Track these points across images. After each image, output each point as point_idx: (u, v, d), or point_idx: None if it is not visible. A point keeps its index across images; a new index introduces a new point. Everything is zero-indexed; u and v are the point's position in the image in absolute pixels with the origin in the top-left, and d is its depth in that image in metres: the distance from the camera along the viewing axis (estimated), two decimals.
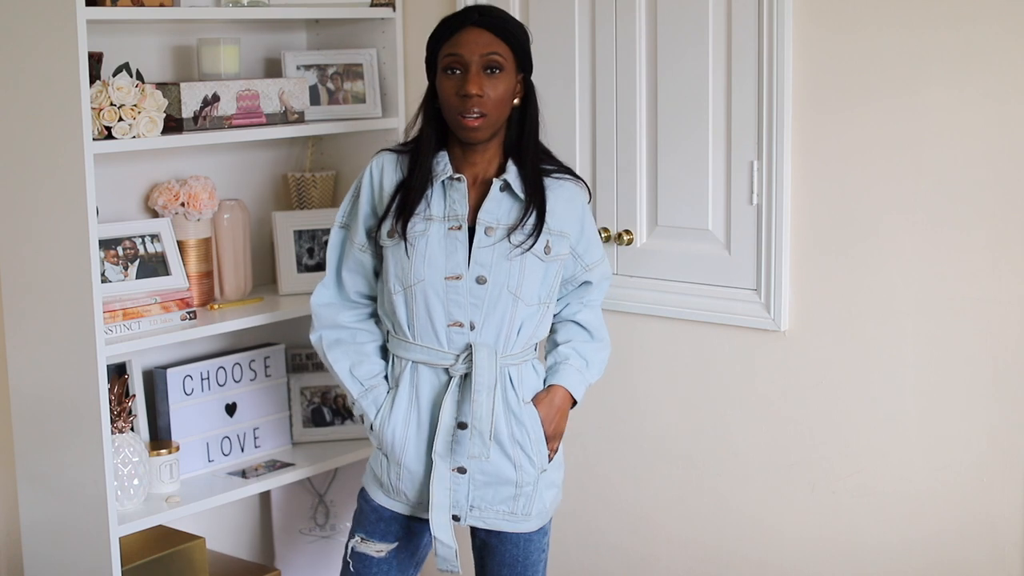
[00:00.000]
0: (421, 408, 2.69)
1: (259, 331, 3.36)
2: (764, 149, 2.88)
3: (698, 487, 3.12)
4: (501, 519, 2.73)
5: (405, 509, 2.77)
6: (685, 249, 3.04)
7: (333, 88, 3.42)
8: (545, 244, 2.67)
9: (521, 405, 2.69)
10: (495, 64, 2.59)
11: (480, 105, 2.58)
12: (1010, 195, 2.61)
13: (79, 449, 2.89)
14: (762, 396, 2.98)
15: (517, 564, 2.79)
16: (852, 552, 2.90)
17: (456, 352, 2.66)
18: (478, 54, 2.58)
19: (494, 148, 2.69)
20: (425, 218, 2.65)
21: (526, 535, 2.77)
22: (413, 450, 2.70)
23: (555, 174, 2.72)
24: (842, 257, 2.83)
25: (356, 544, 2.81)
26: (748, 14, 2.86)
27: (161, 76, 3.23)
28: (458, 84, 2.59)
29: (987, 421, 2.70)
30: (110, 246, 3.02)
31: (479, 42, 2.59)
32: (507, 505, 2.72)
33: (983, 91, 2.61)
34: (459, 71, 2.60)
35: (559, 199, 2.70)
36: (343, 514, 3.60)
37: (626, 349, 3.17)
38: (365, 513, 2.82)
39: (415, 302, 2.65)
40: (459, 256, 2.63)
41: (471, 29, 2.60)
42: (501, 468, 2.69)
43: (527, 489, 2.72)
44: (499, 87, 2.60)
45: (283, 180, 3.51)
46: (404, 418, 2.70)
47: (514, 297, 2.65)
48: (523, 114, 2.69)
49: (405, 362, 2.71)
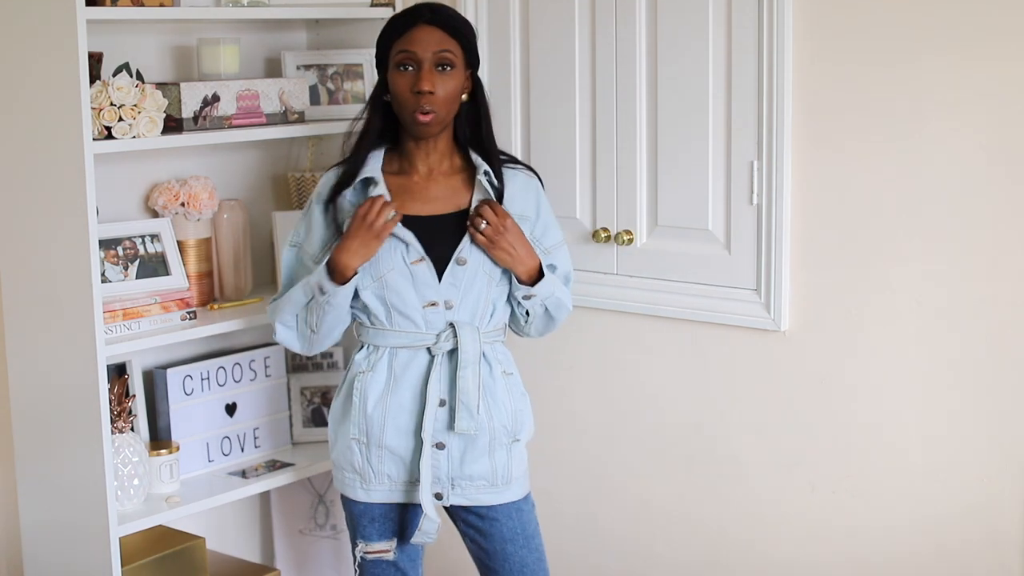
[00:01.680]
0: (400, 388, 2.76)
1: (259, 331, 3.36)
2: (764, 149, 2.88)
3: (698, 487, 3.11)
4: (482, 493, 2.80)
5: (390, 496, 2.81)
6: (685, 249, 3.04)
7: (333, 88, 3.42)
8: None
9: (493, 379, 2.78)
10: (446, 61, 2.70)
11: (432, 102, 2.68)
12: (1010, 195, 2.61)
13: (79, 449, 2.89)
14: (762, 396, 2.98)
15: (518, 537, 2.83)
16: (852, 552, 2.90)
17: (436, 332, 2.75)
18: (431, 51, 2.69)
19: (444, 141, 2.80)
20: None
21: (515, 505, 2.83)
22: (392, 429, 2.76)
23: (509, 165, 2.84)
24: (842, 257, 2.83)
25: (362, 552, 2.84)
26: (748, 14, 2.86)
27: (161, 76, 3.23)
28: (411, 81, 2.69)
29: (987, 421, 2.70)
30: (110, 246, 3.02)
31: (431, 40, 2.69)
32: (486, 478, 2.79)
33: (983, 91, 2.61)
34: (412, 68, 2.69)
35: (516, 187, 2.82)
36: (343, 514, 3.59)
37: (626, 349, 3.17)
38: (355, 517, 2.86)
39: (387, 290, 2.74)
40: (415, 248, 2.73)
41: (423, 27, 2.70)
42: (476, 440, 2.77)
43: (501, 457, 2.79)
44: (450, 84, 2.70)
45: (283, 180, 3.51)
46: (381, 398, 2.76)
47: (488, 278, 2.76)
48: (474, 109, 2.79)
49: (382, 349, 2.78)
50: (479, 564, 2.90)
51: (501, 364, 2.82)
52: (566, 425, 3.29)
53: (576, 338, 3.24)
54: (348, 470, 2.83)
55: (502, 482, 2.81)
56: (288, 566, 3.57)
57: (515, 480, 2.83)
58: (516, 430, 2.82)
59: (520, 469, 2.84)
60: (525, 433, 2.86)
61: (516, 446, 2.83)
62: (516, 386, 2.85)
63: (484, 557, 2.86)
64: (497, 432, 2.79)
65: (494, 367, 2.79)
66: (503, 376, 2.81)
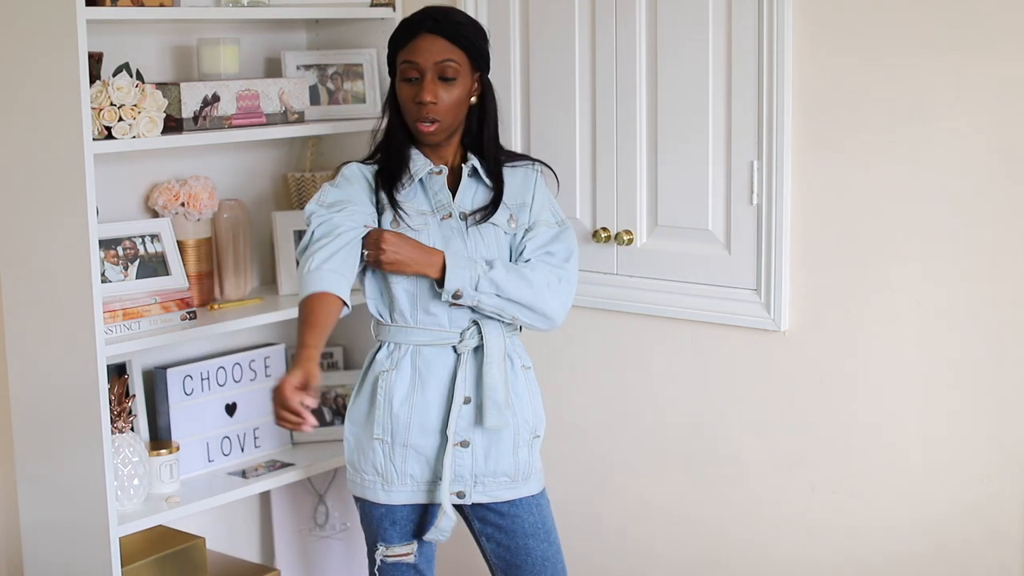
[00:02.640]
0: (428, 386, 2.75)
1: (259, 331, 3.36)
2: (764, 149, 2.88)
3: (699, 486, 3.12)
4: (503, 489, 2.80)
5: (412, 496, 2.80)
6: (685, 249, 3.04)
7: (333, 88, 3.42)
8: (508, 217, 2.79)
9: (515, 374, 2.79)
10: (449, 71, 2.69)
11: (434, 112, 2.70)
12: (1010, 195, 2.61)
13: (79, 449, 2.89)
14: (762, 396, 2.98)
15: (539, 532, 2.84)
16: (852, 552, 2.90)
17: (460, 329, 2.75)
18: (432, 62, 2.69)
19: (456, 142, 2.81)
20: (420, 213, 2.75)
21: (535, 499, 2.84)
22: (418, 428, 2.76)
23: (514, 162, 2.85)
24: (842, 257, 2.83)
25: (382, 556, 2.84)
26: (748, 14, 2.86)
27: (161, 76, 3.23)
28: (414, 91, 2.71)
29: (987, 421, 2.70)
30: (110, 246, 3.02)
31: (433, 49, 2.69)
32: (509, 474, 2.80)
33: (984, 91, 2.61)
34: (415, 78, 2.70)
35: (515, 179, 2.83)
36: (343, 514, 3.60)
37: (626, 349, 3.17)
38: (374, 520, 2.84)
39: (416, 287, 2.73)
40: (457, 243, 2.73)
41: (425, 36, 2.70)
42: (501, 438, 2.77)
43: (523, 454, 2.80)
44: (453, 92, 2.71)
45: (283, 180, 3.51)
46: (407, 397, 2.76)
47: None
48: (481, 111, 2.79)
49: (405, 347, 2.77)
50: (499, 562, 2.87)
51: (520, 358, 2.83)
52: (566, 425, 3.29)
53: (576, 338, 3.24)
54: (368, 472, 2.81)
55: (522, 478, 2.82)
56: (288, 566, 3.57)
57: (534, 475, 2.84)
58: (536, 426, 2.84)
59: (538, 464, 2.86)
60: (542, 428, 2.87)
61: (536, 442, 2.84)
62: (533, 381, 2.86)
63: (505, 554, 2.85)
64: (521, 429, 2.80)
65: (515, 361, 2.80)
66: (523, 370, 2.82)
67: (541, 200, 2.84)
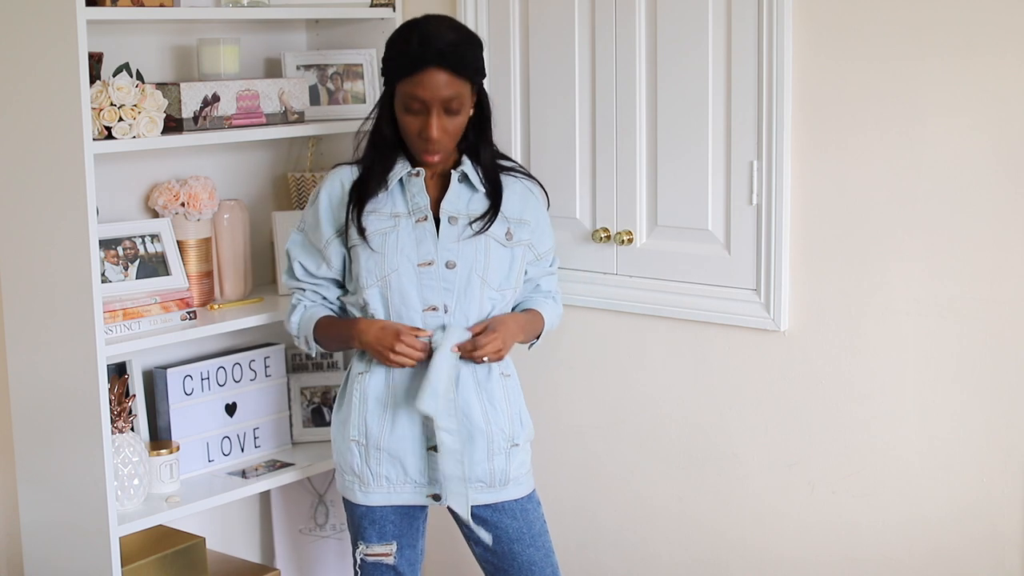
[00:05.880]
0: (398, 391, 2.77)
1: (259, 331, 3.36)
2: (764, 149, 2.88)
3: (698, 487, 3.12)
4: (479, 493, 2.81)
5: (389, 498, 2.81)
6: (685, 249, 3.04)
7: (333, 88, 3.42)
8: (506, 230, 2.79)
9: (492, 381, 2.79)
10: (455, 104, 2.68)
11: (440, 143, 2.70)
12: (1010, 195, 2.61)
13: (79, 449, 2.89)
14: (762, 396, 2.98)
15: (524, 536, 2.84)
16: (852, 551, 2.90)
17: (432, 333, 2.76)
18: (439, 98, 2.67)
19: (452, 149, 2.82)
20: (392, 215, 2.76)
21: (519, 503, 2.84)
22: (392, 431, 2.77)
23: (512, 172, 2.86)
24: (842, 257, 2.83)
25: (361, 554, 2.85)
26: (748, 14, 2.86)
27: (161, 76, 3.23)
28: (420, 125, 2.69)
29: (986, 421, 2.70)
30: (110, 246, 3.02)
31: (438, 84, 2.66)
32: (483, 480, 2.80)
33: (983, 91, 2.61)
34: (419, 111, 2.68)
35: (514, 191, 2.84)
36: (343, 514, 3.59)
37: (626, 349, 3.17)
38: (356, 518, 2.87)
39: (390, 291, 2.74)
40: (428, 245, 2.74)
41: (430, 72, 2.65)
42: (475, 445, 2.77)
43: (500, 462, 2.80)
44: (457, 120, 2.72)
45: (283, 180, 3.51)
46: (381, 400, 2.78)
47: (482, 281, 2.76)
48: (477, 116, 2.80)
49: None
50: (487, 566, 2.89)
51: (500, 365, 2.82)
52: (566, 425, 3.29)
53: (576, 338, 3.24)
54: (348, 472, 2.84)
55: (499, 483, 2.81)
56: (288, 566, 3.57)
57: (513, 480, 2.83)
58: (514, 434, 2.83)
59: (520, 470, 2.84)
60: (524, 437, 2.86)
61: (516, 451, 2.83)
62: (513, 389, 2.85)
63: (492, 558, 2.87)
64: (496, 437, 2.79)
65: (493, 368, 2.80)
66: (501, 377, 2.82)
67: (543, 225, 2.89)
